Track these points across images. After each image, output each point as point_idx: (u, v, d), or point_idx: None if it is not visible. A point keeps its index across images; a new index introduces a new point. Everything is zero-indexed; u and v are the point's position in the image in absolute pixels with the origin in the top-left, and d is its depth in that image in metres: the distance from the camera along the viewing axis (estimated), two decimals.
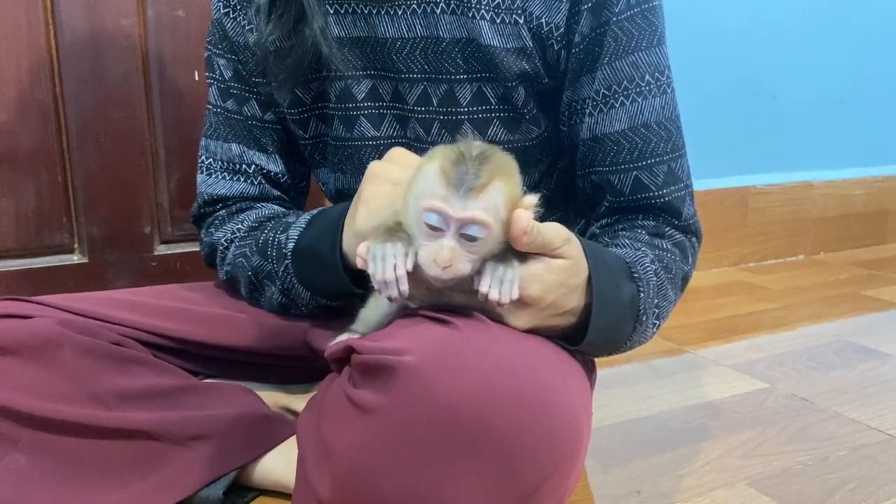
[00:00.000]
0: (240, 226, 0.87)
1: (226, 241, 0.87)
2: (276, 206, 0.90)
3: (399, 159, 0.70)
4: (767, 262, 1.91)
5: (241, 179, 0.89)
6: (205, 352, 0.86)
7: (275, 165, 0.90)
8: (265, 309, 0.87)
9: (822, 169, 1.97)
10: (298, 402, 0.88)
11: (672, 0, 1.53)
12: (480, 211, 0.54)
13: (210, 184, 0.90)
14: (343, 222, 0.73)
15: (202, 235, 0.92)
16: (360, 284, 0.74)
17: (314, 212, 0.81)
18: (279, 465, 0.78)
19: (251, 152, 0.89)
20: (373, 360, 0.56)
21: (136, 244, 1.25)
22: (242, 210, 0.90)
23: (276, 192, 0.92)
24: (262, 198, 0.91)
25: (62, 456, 0.73)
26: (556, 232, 0.60)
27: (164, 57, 1.21)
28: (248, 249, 0.84)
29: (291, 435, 0.79)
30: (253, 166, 0.89)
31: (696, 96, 1.72)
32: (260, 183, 0.90)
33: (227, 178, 0.89)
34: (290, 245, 0.79)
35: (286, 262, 0.79)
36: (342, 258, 0.73)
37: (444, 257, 0.55)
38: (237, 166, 0.89)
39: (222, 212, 0.90)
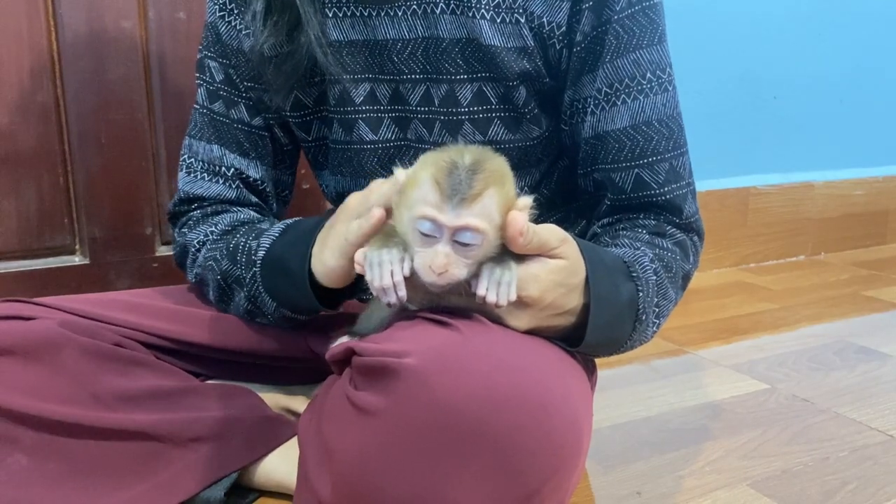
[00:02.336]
0: (213, 228, 0.86)
1: (198, 243, 0.87)
2: (251, 212, 0.89)
3: (376, 190, 0.68)
4: (768, 262, 1.91)
5: (220, 181, 0.88)
6: (206, 353, 0.86)
7: (255, 171, 0.89)
8: (232, 314, 0.86)
9: (822, 169, 1.97)
10: (299, 403, 0.88)
11: (673, 0, 1.53)
12: (474, 217, 0.55)
13: (188, 181, 0.89)
14: (315, 237, 0.73)
15: (175, 235, 0.92)
16: (324, 302, 0.75)
17: (289, 221, 0.81)
18: (280, 466, 0.78)
19: (231, 155, 0.88)
20: (373, 363, 0.56)
21: (138, 245, 1.25)
22: (217, 213, 0.89)
23: (254, 199, 0.91)
24: (239, 202, 0.90)
25: (64, 457, 0.73)
26: (551, 232, 0.60)
27: (165, 58, 1.21)
28: (218, 253, 0.83)
29: (292, 436, 0.79)
30: (232, 169, 0.88)
31: (697, 97, 1.72)
32: (238, 187, 0.89)
33: (207, 178, 0.89)
34: (261, 253, 0.78)
35: (254, 269, 0.79)
36: (310, 274, 0.73)
37: (440, 263, 0.55)
38: (217, 168, 0.88)
39: (197, 212, 0.89)
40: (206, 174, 0.89)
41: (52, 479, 0.72)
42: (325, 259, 0.70)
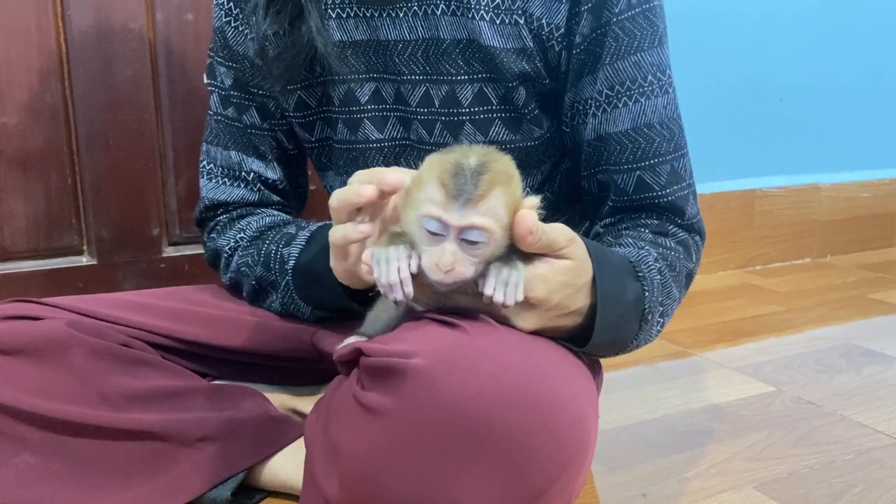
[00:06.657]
0: (242, 234, 0.88)
1: (229, 249, 0.89)
2: (275, 212, 0.92)
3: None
4: (774, 264, 1.91)
5: (241, 186, 0.91)
6: (212, 353, 0.86)
7: (273, 172, 0.92)
8: (268, 311, 0.89)
9: (828, 171, 1.97)
10: (305, 403, 0.89)
11: (678, 3, 1.53)
12: (480, 217, 0.55)
13: (211, 188, 0.91)
14: None
15: (205, 239, 0.94)
16: (359, 301, 0.75)
17: (314, 228, 0.83)
18: (287, 466, 0.78)
19: (250, 160, 0.90)
20: (381, 363, 0.56)
21: (145, 246, 1.25)
22: (243, 216, 0.91)
23: (276, 198, 0.94)
24: (262, 203, 0.92)
25: (71, 456, 0.73)
26: (560, 232, 0.60)
27: (172, 60, 1.22)
28: (250, 259, 0.86)
29: (299, 436, 0.79)
30: (252, 174, 0.91)
31: (703, 99, 1.72)
32: (259, 189, 0.91)
33: (228, 183, 0.91)
34: (291, 262, 0.81)
35: (287, 277, 0.82)
36: None
37: (446, 261, 0.55)
38: (237, 173, 0.91)
39: (223, 217, 0.92)
40: (227, 179, 0.91)
41: (59, 479, 0.72)
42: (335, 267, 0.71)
